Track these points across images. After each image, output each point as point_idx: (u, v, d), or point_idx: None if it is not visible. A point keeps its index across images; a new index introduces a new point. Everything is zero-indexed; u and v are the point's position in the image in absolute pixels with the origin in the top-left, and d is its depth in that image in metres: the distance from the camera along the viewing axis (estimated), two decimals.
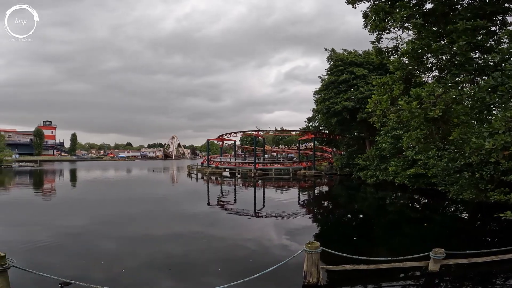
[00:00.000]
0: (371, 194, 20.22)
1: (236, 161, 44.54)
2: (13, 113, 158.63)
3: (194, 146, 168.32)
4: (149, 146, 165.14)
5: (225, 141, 47.01)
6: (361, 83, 27.09)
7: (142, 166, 63.13)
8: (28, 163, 55.77)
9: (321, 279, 5.04)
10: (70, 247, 7.54)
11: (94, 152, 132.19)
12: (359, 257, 5.52)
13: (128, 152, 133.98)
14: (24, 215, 12.09)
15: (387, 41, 7.99)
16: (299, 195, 21.54)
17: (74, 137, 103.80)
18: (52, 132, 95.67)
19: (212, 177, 33.13)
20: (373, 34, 7.86)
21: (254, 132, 41.92)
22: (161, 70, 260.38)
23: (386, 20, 7.13)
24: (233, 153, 54.82)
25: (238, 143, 57.28)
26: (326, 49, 31.65)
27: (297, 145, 44.41)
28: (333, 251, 5.39)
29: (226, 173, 38.09)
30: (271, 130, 51.25)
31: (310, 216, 13.71)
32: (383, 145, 18.82)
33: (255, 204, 16.47)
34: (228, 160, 46.77)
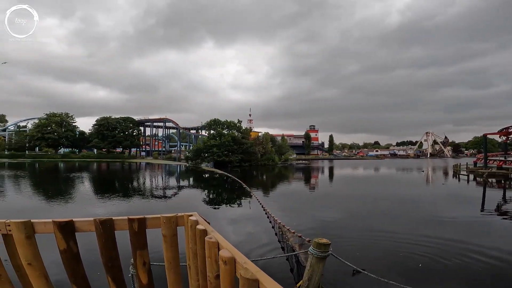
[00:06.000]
0: None
1: None
2: (287, 121, 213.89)
3: (456, 142, 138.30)
4: (398, 144, 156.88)
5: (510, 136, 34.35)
6: None
7: (391, 165, 61.30)
8: (302, 161, 72.45)
9: None
10: (328, 236, 8.52)
11: (346, 151, 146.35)
12: None
13: (376, 151, 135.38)
14: (294, 203, 15.16)
15: None
16: None
17: (331, 138, 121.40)
18: (315, 134, 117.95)
19: (492, 180, 25.37)
20: None
21: None
22: (398, 65, 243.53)
23: None
24: None
25: None
26: None
27: None
28: None
29: None
30: None
31: None
32: None
33: None
34: None
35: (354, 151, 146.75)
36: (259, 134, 67.78)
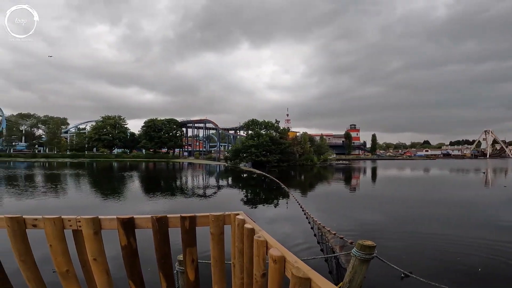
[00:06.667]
0: None
1: None
2: (326, 120, 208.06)
3: None
4: (452, 144, 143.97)
5: None
6: None
7: (444, 165, 56.27)
8: (342, 161, 70.01)
9: None
10: (370, 238, 8.09)
11: (391, 151, 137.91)
12: None
13: (426, 151, 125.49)
14: (333, 204, 14.66)
15: None
16: None
17: (374, 138, 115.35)
18: (357, 134, 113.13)
19: None
20: None
21: None
22: (450, 60, 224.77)
23: None
24: None
25: None
26: None
27: None
28: None
29: None
30: None
31: None
32: None
33: None
34: None
35: (400, 150, 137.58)
36: (297, 134, 67.03)
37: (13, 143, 79.66)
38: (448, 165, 56.68)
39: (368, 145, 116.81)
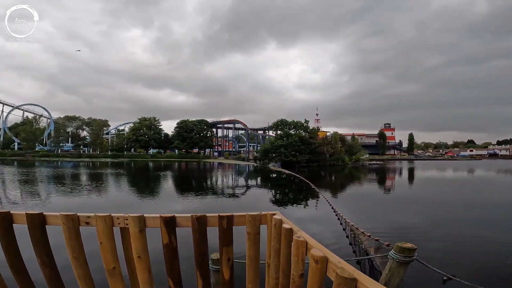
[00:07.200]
0: None
1: None
2: (357, 119, 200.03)
3: None
4: (499, 143, 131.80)
5: None
6: None
7: (490, 166, 51.65)
8: (375, 162, 67.13)
9: None
10: (405, 240, 7.72)
11: (431, 151, 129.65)
12: None
13: (471, 151, 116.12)
14: (365, 205, 14.10)
15: None
16: None
17: (411, 137, 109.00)
18: (391, 133, 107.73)
19: None
20: None
21: None
22: (495, 55, 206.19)
23: None
24: None
25: None
26: None
27: None
28: None
29: None
30: None
31: None
32: None
33: None
34: None
35: (441, 150, 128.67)
36: (327, 133, 65.51)
37: (61, 144, 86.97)
38: (495, 166, 51.95)
39: (405, 144, 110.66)
